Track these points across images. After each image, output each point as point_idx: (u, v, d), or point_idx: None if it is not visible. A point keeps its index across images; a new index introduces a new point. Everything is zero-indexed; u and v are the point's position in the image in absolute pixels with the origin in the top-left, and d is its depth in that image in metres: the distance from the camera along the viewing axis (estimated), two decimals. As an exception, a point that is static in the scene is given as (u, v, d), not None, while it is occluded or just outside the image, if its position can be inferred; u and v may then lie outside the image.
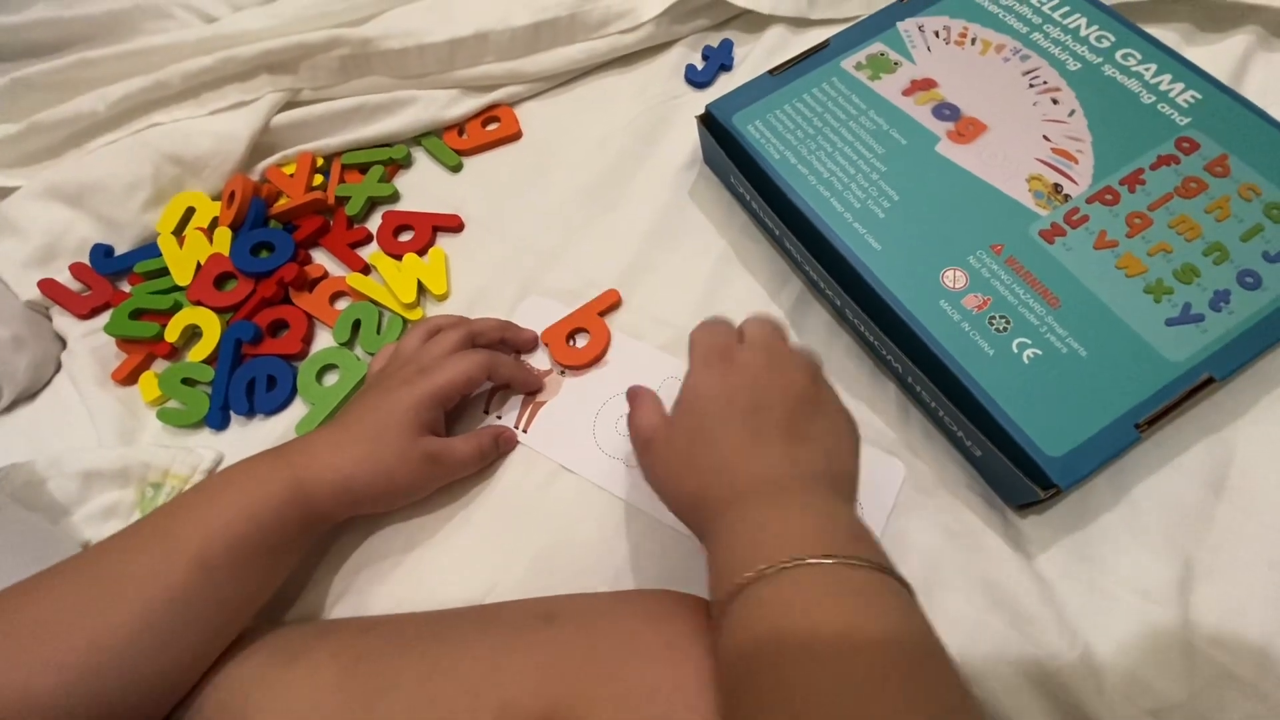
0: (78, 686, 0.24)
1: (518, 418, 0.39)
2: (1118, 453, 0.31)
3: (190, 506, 0.29)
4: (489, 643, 0.26)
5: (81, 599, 0.26)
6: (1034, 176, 0.37)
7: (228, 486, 0.30)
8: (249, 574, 0.29)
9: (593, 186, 0.46)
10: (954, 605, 0.32)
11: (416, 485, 0.34)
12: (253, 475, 0.30)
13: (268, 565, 0.30)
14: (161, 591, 0.26)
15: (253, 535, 0.28)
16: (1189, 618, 0.31)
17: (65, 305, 0.43)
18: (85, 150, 0.47)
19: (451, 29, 0.46)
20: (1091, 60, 0.40)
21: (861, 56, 0.42)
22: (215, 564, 0.27)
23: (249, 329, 0.41)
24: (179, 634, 0.27)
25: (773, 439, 0.27)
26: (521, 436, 0.38)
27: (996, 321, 0.34)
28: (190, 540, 0.27)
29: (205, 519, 0.28)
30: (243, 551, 0.28)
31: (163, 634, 0.26)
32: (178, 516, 0.29)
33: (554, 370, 0.40)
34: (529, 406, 0.39)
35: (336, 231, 0.45)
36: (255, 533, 0.29)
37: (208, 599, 0.27)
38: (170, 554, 0.27)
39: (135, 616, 0.26)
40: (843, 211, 0.37)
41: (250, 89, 0.46)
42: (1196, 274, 0.34)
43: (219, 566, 0.28)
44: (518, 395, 0.39)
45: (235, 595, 0.29)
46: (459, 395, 0.35)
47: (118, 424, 0.40)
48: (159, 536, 0.28)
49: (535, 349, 0.41)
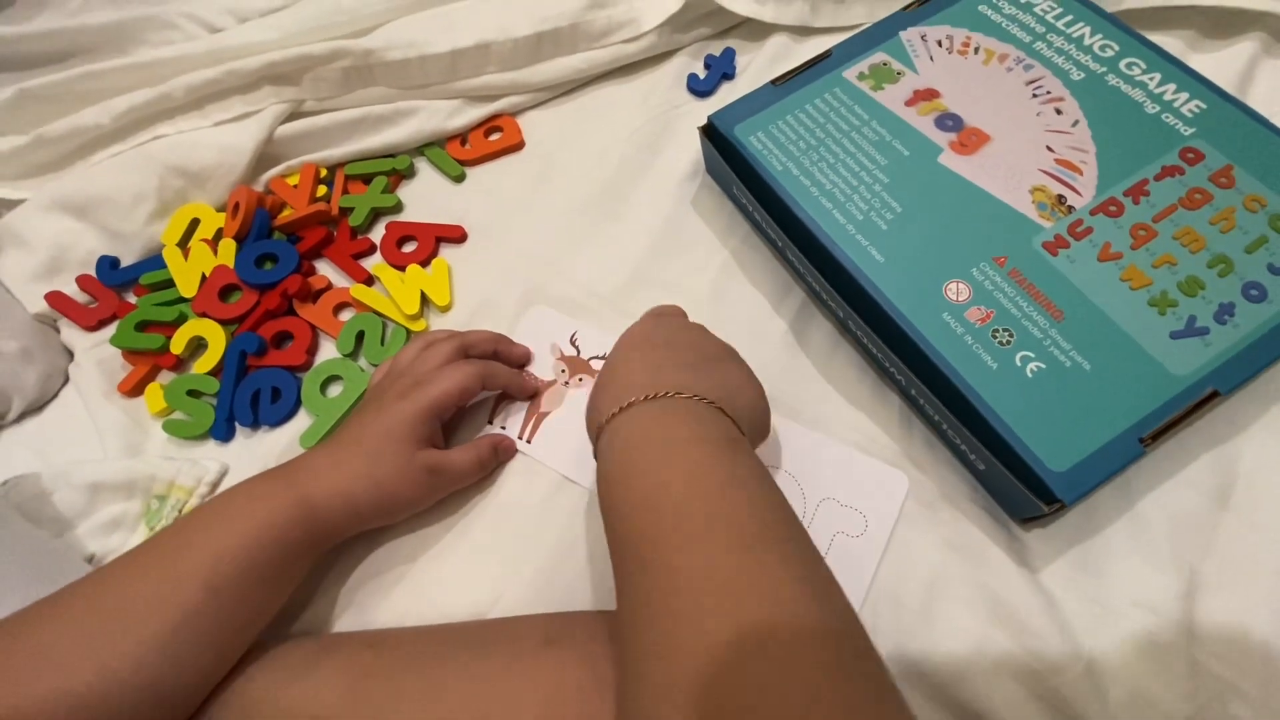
0: (85, 713, 0.25)
1: (521, 428, 0.39)
2: (1122, 467, 0.31)
3: (196, 529, 0.29)
4: (490, 665, 0.27)
5: (90, 627, 0.26)
6: (1037, 188, 0.37)
7: (233, 509, 0.30)
8: (256, 595, 0.29)
9: (595, 196, 0.46)
10: (957, 618, 0.32)
11: (417, 498, 0.34)
12: (257, 497, 0.30)
13: (274, 585, 0.30)
14: (170, 617, 0.27)
15: (259, 557, 0.29)
16: (1194, 631, 0.31)
17: (72, 317, 0.44)
18: (91, 162, 0.47)
19: (453, 39, 0.46)
20: (1095, 70, 0.40)
21: (864, 66, 0.42)
22: (223, 586, 0.28)
23: (253, 341, 0.41)
24: (187, 657, 0.27)
25: (669, 366, 0.30)
26: (525, 447, 0.38)
27: (1000, 334, 0.34)
28: (199, 565, 0.28)
29: (212, 543, 0.28)
30: (250, 573, 0.28)
31: (171, 658, 0.26)
32: (184, 540, 0.29)
33: (559, 382, 0.40)
34: (533, 417, 0.39)
35: (340, 242, 0.45)
36: (261, 555, 0.29)
37: (216, 621, 0.28)
38: (178, 579, 0.27)
39: (143, 643, 0.26)
40: (845, 223, 0.37)
41: (254, 100, 0.46)
42: (1201, 286, 0.33)
43: (226, 589, 0.28)
44: (521, 406, 0.39)
45: (242, 616, 0.29)
46: (454, 406, 0.35)
47: (124, 436, 0.40)
48: (166, 561, 0.28)
49: (529, 363, 0.41)
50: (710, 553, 0.22)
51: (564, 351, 0.41)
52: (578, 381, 0.40)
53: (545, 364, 0.41)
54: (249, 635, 0.29)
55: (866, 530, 0.34)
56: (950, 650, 0.31)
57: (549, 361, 0.41)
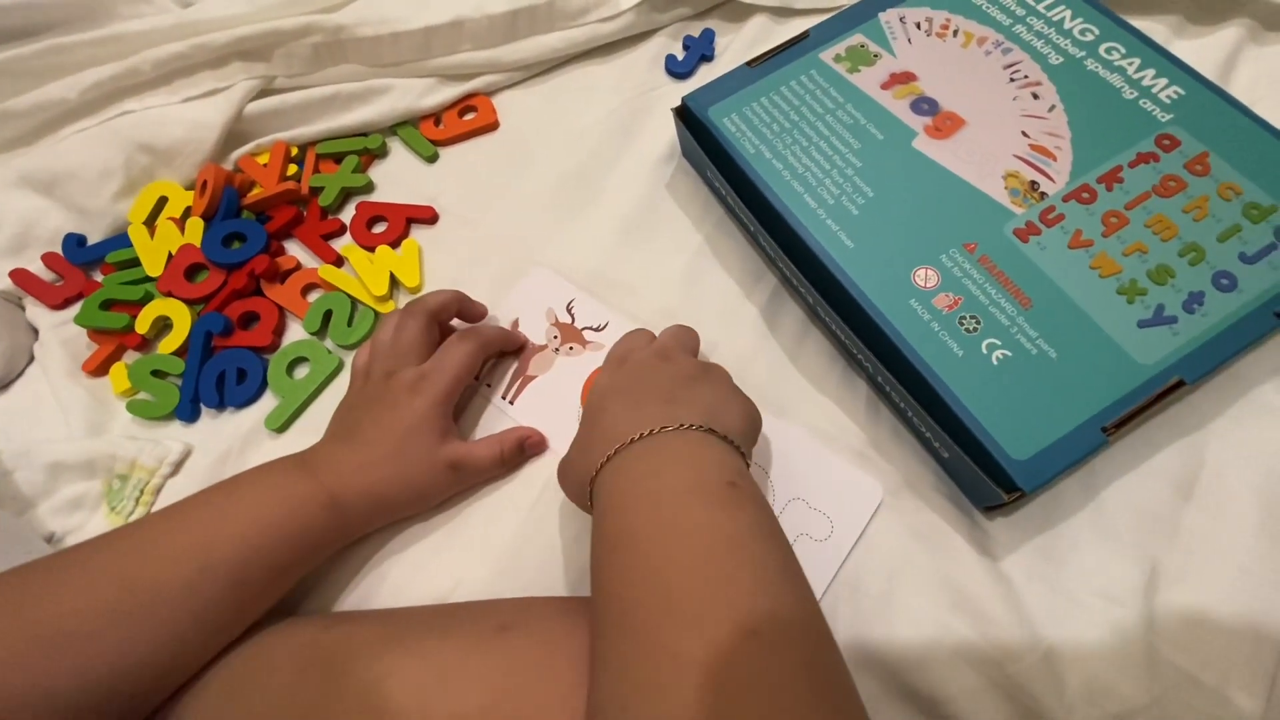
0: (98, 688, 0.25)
1: (506, 388, 0.39)
2: (1084, 456, 0.30)
3: (225, 519, 0.30)
4: (442, 652, 0.26)
5: (114, 610, 0.26)
6: (1011, 173, 0.36)
7: (263, 504, 0.30)
8: (279, 588, 0.31)
9: (570, 179, 0.45)
10: (915, 606, 0.32)
11: (443, 492, 0.35)
12: (289, 493, 0.31)
13: (295, 578, 0.31)
14: (195, 609, 0.27)
15: (290, 556, 0.30)
16: (1154, 622, 0.31)
17: (37, 296, 0.43)
18: (58, 138, 0.46)
19: (427, 16, 0.45)
20: (1074, 54, 0.39)
21: (841, 48, 0.41)
22: (251, 581, 0.29)
23: (219, 321, 0.41)
24: (202, 645, 0.28)
25: (649, 403, 0.29)
26: (506, 408, 0.38)
27: (967, 321, 0.33)
28: (229, 561, 0.28)
29: (243, 538, 0.29)
30: (277, 569, 0.30)
31: (188, 647, 0.27)
32: (213, 529, 0.29)
33: (549, 347, 0.40)
34: (519, 379, 0.39)
35: (310, 222, 0.45)
36: (291, 554, 0.30)
37: (236, 612, 0.29)
38: (206, 572, 0.28)
39: (164, 631, 0.27)
40: (816, 208, 0.37)
41: (223, 76, 0.45)
42: (1171, 275, 0.33)
43: (254, 583, 0.29)
44: (509, 364, 0.39)
45: (261, 606, 0.30)
46: (463, 387, 0.36)
47: (88, 415, 0.40)
48: (196, 551, 0.28)
49: (484, 318, 0.40)
50: (712, 637, 0.21)
51: (559, 318, 0.40)
52: (568, 350, 0.39)
53: (539, 327, 0.40)
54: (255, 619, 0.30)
55: (831, 535, 0.33)
56: (909, 638, 0.31)
57: (542, 326, 0.40)
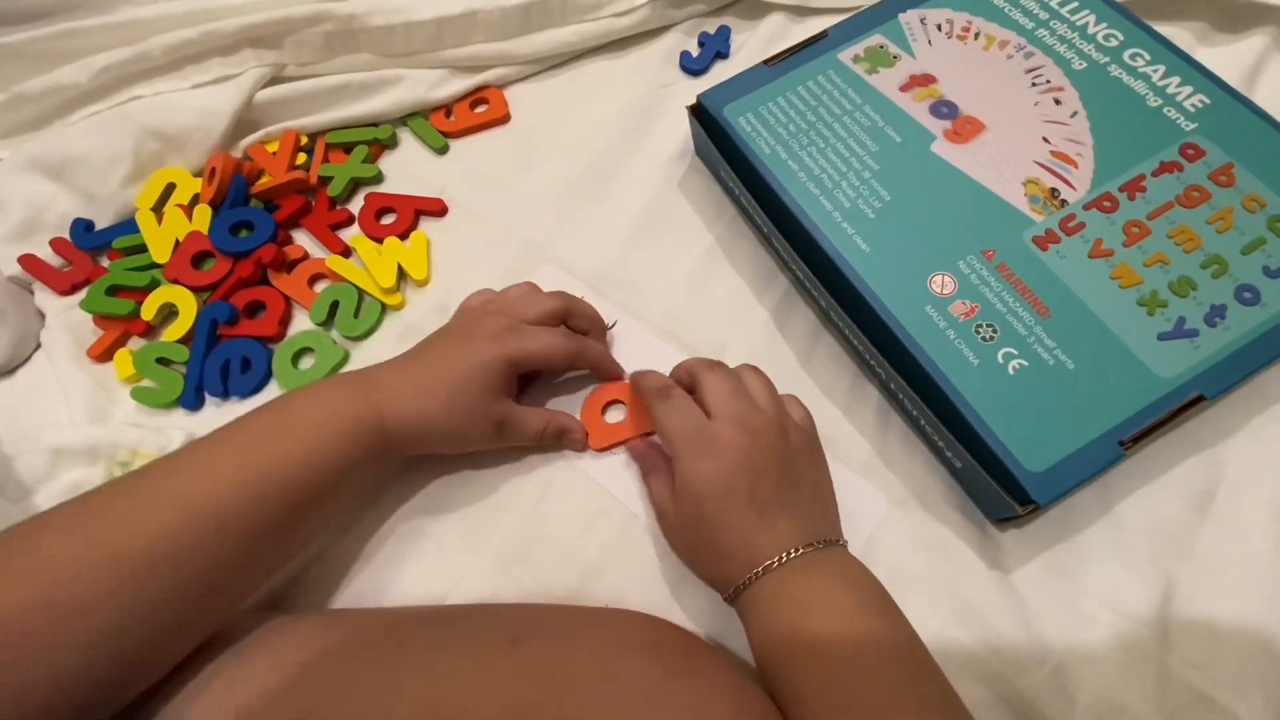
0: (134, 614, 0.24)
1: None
2: (1100, 470, 0.30)
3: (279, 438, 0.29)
4: (451, 662, 0.26)
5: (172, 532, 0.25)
6: (1031, 180, 0.36)
7: (314, 422, 0.30)
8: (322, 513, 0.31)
9: (581, 175, 0.45)
10: (921, 619, 0.31)
11: (481, 442, 0.34)
12: (339, 408, 0.30)
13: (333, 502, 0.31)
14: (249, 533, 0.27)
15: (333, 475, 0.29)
16: (1168, 638, 0.31)
17: (45, 281, 0.43)
18: (68, 122, 0.46)
19: (439, 7, 0.45)
20: (1098, 60, 0.38)
21: (860, 49, 0.41)
22: (304, 504, 0.29)
23: (225, 309, 0.40)
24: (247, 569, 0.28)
25: (774, 512, 0.29)
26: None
27: (983, 330, 0.33)
28: (283, 488, 0.28)
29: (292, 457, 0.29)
30: (320, 492, 0.29)
31: (234, 570, 0.27)
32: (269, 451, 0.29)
33: None
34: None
35: (318, 212, 0.44)
36: (333, 474, 0.29)
37: (282, 534, 0.29)
38: (264, 499, 0.27)
39: (220, 557, 0.26)
40: (831, 211, 0.36)
41: (234, 63, 0.45)
42: (1193, 287, 0.32)
43: (307, 504, 0.29)
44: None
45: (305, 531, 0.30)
46: (535, 368, 0.35)
47: (91, 401, 0.39)
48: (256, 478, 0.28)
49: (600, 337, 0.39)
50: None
51: None
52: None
53: None
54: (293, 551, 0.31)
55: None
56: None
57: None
